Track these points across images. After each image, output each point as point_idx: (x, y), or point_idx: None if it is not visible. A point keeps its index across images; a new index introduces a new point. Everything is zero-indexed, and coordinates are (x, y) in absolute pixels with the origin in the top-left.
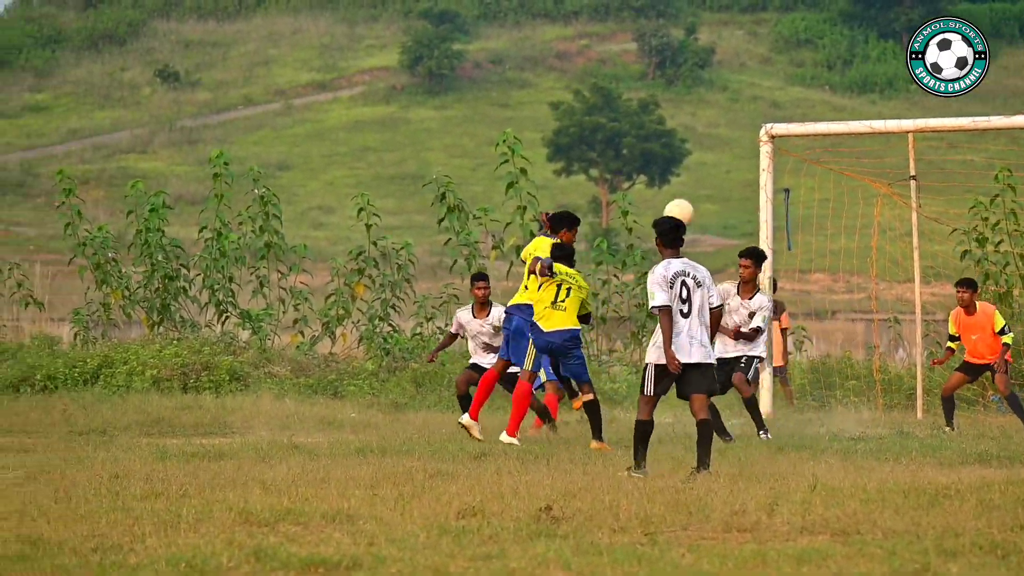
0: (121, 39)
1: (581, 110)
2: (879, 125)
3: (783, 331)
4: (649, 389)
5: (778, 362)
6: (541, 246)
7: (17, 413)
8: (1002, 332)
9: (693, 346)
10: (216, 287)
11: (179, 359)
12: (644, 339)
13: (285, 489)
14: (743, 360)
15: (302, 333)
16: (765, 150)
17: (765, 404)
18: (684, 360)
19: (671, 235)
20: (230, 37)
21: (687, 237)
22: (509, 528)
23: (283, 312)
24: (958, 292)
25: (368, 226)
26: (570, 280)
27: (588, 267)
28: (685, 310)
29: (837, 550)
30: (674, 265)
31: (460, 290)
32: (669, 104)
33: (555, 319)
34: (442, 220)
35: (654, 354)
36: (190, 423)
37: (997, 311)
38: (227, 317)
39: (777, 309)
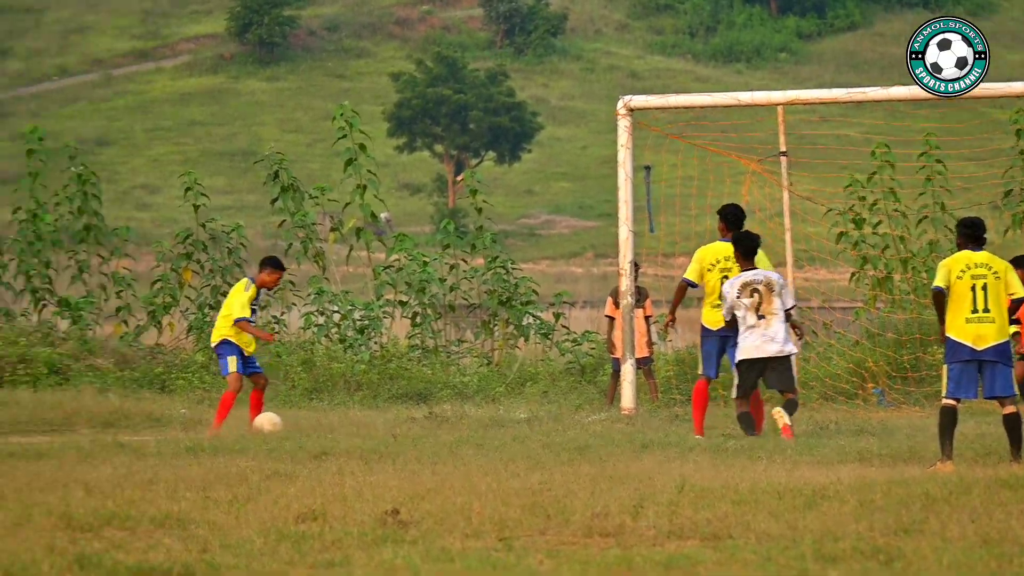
0: None
1: (424, 81)
2: (746, 97)
3: (647, 319)
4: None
5: (641, 352)
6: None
7: None
8: None
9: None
10: (32, 273)
11: None
12: (495, 327)
13: (110, 491)
14: None
15: (126, 323)
16: (623, 124)
17: (627, 398)
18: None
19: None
20: (43, 1)
21: (541, 219)
22: (353, 533)
23: (105, 300)
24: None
25: (196, 207)
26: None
27: (434, 251)
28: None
29: (707, 555)
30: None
31: (296, 275)
32: (519, 75)
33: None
34: (276, 200)
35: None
36: (6, 420)
37: None
38: (44, 305)
39: (640, 296)
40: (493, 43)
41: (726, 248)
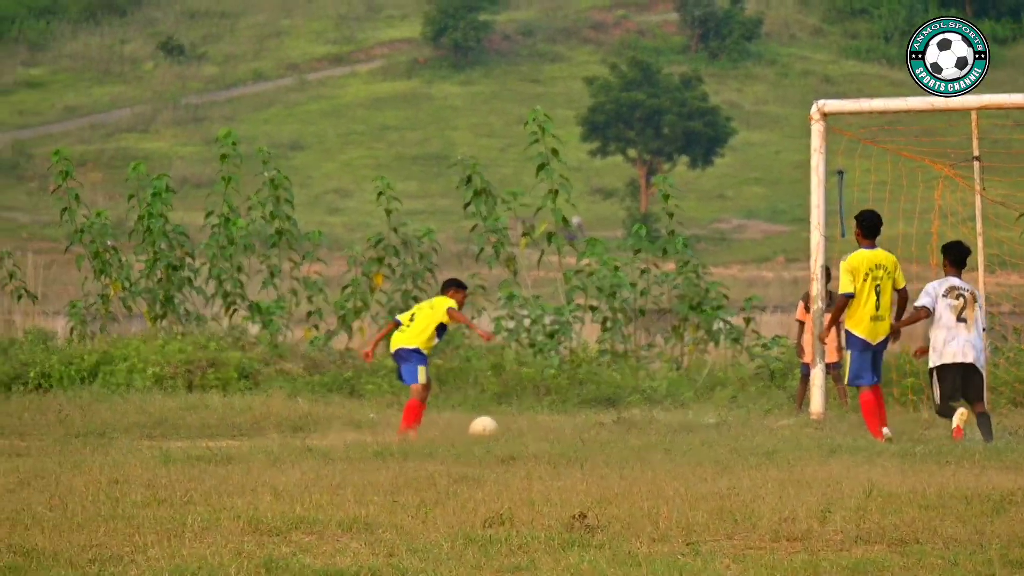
0: (121, 9)
1: (618, 86)
2: (940, 102)
3: (837, 324)
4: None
5: (831, 357)
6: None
7: (9, 413)
8: None
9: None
10: (223, 277)
11: (183, 355)
12: (685, 332)
13: (298, 495)
14: None
15: (316, 327)
16: (816, 129)
17: (816, 403)
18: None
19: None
20: (239, 6)
21: (733, 223)
22: (540, 537)
23: (296, 304)
24: None
25: (388, 211)
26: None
27: (625, 255)
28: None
29: (894, 560)
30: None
31: (487, 280)
32: (713, 79)
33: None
34: (468, 205)
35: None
36: (195, 424)
37: None
38: (235, 310)
39: (831, 300)
40: (688, 48)
41: (874, 256)
